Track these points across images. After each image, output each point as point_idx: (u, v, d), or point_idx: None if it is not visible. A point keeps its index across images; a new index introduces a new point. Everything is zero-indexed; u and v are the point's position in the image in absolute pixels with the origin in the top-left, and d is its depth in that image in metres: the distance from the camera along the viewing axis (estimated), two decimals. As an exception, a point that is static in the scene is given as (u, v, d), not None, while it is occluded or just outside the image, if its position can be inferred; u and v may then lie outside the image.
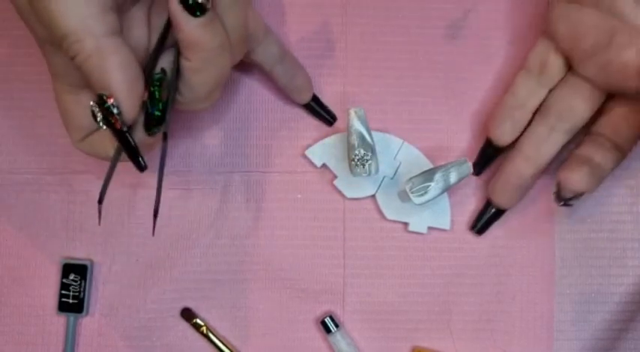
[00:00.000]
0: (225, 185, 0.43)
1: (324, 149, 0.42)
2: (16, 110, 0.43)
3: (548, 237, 0.43)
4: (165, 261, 0.43)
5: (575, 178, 0.37)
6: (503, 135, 0.40)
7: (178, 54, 0.33)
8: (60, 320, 0.43)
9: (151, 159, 0.35)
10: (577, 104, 0.38)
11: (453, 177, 0.39)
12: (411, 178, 0.39)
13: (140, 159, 0.32)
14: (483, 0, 0.44)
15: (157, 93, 0.32)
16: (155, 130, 0.33)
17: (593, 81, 0.38)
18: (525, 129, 0.40)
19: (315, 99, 0.42)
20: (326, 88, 0.43)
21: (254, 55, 0.39)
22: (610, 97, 0.39)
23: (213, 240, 0.43)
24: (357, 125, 0.38)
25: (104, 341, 0.43)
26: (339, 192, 0.42)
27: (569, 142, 0.40)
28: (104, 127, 0.31)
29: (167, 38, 0.34)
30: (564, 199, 0.38)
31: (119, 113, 0.30)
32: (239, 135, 0.43)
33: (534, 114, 0.40)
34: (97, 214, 0.33)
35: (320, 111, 0.43)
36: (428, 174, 0.39)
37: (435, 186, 0.39)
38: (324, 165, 0.42)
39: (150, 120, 0.32)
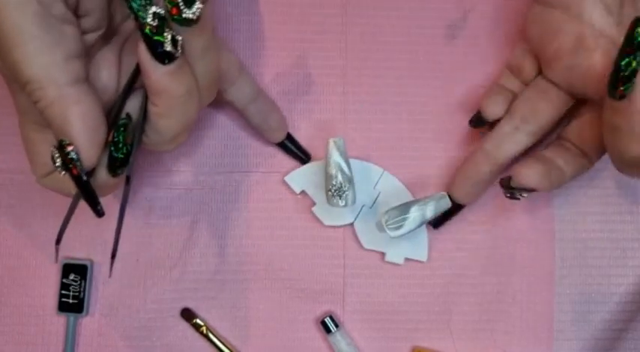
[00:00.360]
0: (225, 185, 0.43)
1: (303, 176, 0.42)
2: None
3: (548, 237, 0.43)
4: (165, 261, 0.43)
5: (524, 172, 0.37)
6: (493, 110, 0.40)
7: (146, 98, 0.32)
8: (60, 320, 0.43)
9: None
10: (542, 107, 0.38)
11: (429, 212, 0.39)
12: (387, 211, 0.39)
13: (98, 206, 0.32)
14: (483, 0, 0.44)
15: (120, 138, 0.32)
16: (119, 172, 0.33)
17: (559, 85, 0.38)
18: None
19: (290, 138, 0.42)
20: (326, 89, 0.43)
21: (226, 94, 0.39)
22: (581, 103, 0.39)
23: (213, 240, 0.43)
24: (336, 156, 0.38)
25: (104, 341, 0.43)
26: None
27: (537, 145, 0.40)
28: (62, 173, 0.31)
29: (136, 81, 0.34)
30: (509, 188, 0.38)
31: (78, 160, 0.30)
32: (239, 135, 0.43)
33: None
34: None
35: (294, 151, 0.42)
36: (404, 208, 0.39)
37: (411, 220, 0.38)
38: (303, 192, 0.42)
39: (113, 163, 0.32)
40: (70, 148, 0.30)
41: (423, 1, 0.44)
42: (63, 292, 0.42)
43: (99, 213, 0.33)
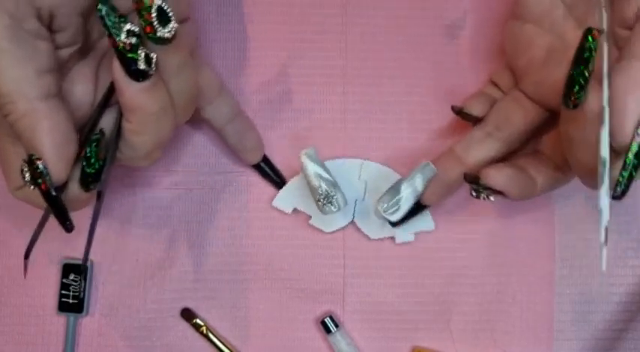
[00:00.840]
0: (225, 185, 0.43)
1: (290, 195, 0.42)
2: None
3: (548, 236, 0.43)
4: (165, 261, 0.43)
5: (492, 173, 0.36)
6: (476, 106, 0.40)
7: (120, 114, 0.33)
8: (60, 320, 0.43)
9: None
10: (515, 116, 0.38)
11: (419, 184, 0.38)
12: (380, 198, 0.39)
13: (67, 222, 0.32)
14: (483, 0, 0.44)
15: (93, 153, 0.32)
16: (91, 187, 0.33)
17: (531, 97, 0.38)
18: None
19: (266, 160, 0.42)
20: (326, 89, 0.43)
21: (203, 112, 0.39)
22: (555, 115, 0.37)
23: (213, 240, 0.43)
24: (312, 167, 0.38)
25: (104, 341, 0.43)
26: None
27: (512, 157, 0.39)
28: (31, 187, 0.31)
29: (111, 97, 0.34)
30: (474, 184, 0.37)
31: (47, 175, 0.30)
32: (239, 135, 0.43)
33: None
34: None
35: (270, 174, 0.42)
36: (394, 189, 0.39)
37: (404, 198, 0.38)
38: (295, 210, 0.42)
39: (85, 178, 0.32)
40: (38, 162, 0.30)
41: (423, 1, 0.44)
42: (63, 292, 0.42)
43: (68, 228, 0.32)
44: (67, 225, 0.32)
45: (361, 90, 0.43)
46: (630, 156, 0.30)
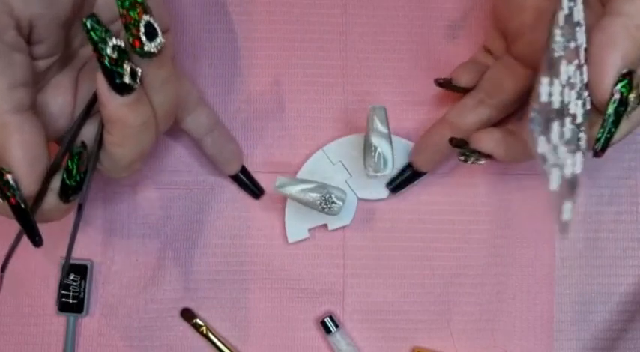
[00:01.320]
0: (225, 185, 0.43)
1: (295, 222, 0.42)
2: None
3: (548, 237, 0.43)
4: (165, 261, 0.43)
5: (480, 136, 0.37)
6: (464, 76, 0.40)
7: (102, 125, 0.32)
8: (60, 320, 0.43)
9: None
10: (507, 82, 0.38)
11: (382, 127, 0.38)
12: (365, 163, 0.38)
13: (36, 237, 0.32)
14: (483, 0, 0.44)
15: (74, 166, 0.32)
16: (71, 199, 0.32)
17: (523, 61, 0.38)
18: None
19: (244, 171, 0.42)
20: (326, 89, 0.43)
21: (183, 123, 0.39)
22: None
23: (213, 240, 0.43)
24: (290, 189, 0.38)
25: (104, 341, 0.43)
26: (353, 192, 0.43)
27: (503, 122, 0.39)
28: (0, 200, 0.30)
29: (92, 108, 0.34)
30: (461, 149, 0.38)
31: (17, 189, 0.30)
32: (239, 135, 0.43)
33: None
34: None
35: (248, 184, 0.42)
36: (368, 147, 0.38)
37: (381, 147, 0.38)
38: (311, 230, 0.42)
39: (66, 190, 0.32)
40: (8, 176, 0.29)
41: (423, 1, 0.44)
42: (63, 292, 0.42)
43: (37, 243, 0.32)
44: (37, 241, 0.32)
45: (361, 90, 0.43)
46: (609, 111, 0.30)
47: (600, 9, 0.32)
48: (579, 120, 0.31)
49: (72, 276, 0.42)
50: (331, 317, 0.42)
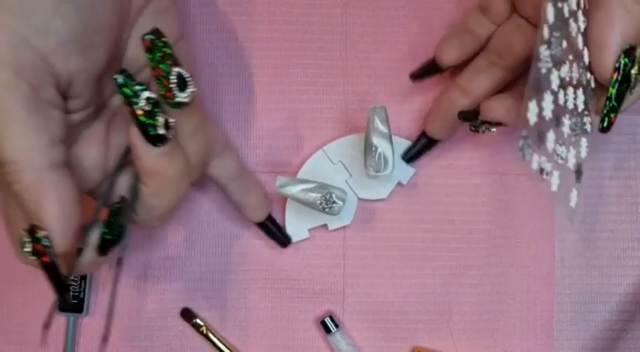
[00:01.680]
0: (225, 185, 0.43)
1: (295, 222, 0.42)
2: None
3: (548, 237, 0.43)
4: (166, 261, 0.43)
5: (492, 106, 0.36)
6: (448, 54, 0.39)
7: (136, 177, 0.32)
8: (60, 320, 0.43)
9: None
10: (517, 42, 0.37)
11: (382, 127, 0.38)
12: (365, 163, 0.38)
13: (66, 294, 0.31)
14: (483, 0, 0.44)
15: (115, 220, 0.32)
16: (109, 252, 0.32)
17: (532, 20, 0.37)
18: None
19: (271, 218, 0.42)
20: (326, 88, 0.43)
21: (209, 168, 0.38)
22: None
23: (213, 240, 0.43)
24: (290, 189, 0.38)
25: (104, 341, 0.43)
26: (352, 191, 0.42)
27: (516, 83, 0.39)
28: (31, 257, 0.29)
29: (125, 160, 0.34)
30: (470, 121, 0.37)
31: (50, 246, 0.29)
32: (239, 135, 0.43)
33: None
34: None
35: (274, 231, 0.42)
36: (368, 146, 0.38)
37: (382, 147, 0.38)
38: (311, 230, 0.42)
39: (105, 244, 0.32)
40: (42, 233, 0.29)
41: (423, 1, 0.44)
42: (63, 292, 0.42)
43: (66, 301, 0.32)
44: (65, 298, 0.31)
45: (361, 90, 0.43)
46: (612, 89, 0.31)
47: None
48: (581, 108, 0.31)
49: (72, 276, 0.42)
50: (331, 317, 0.42)
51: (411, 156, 0.42)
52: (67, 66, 0.30)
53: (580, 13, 0.32)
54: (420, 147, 0.42)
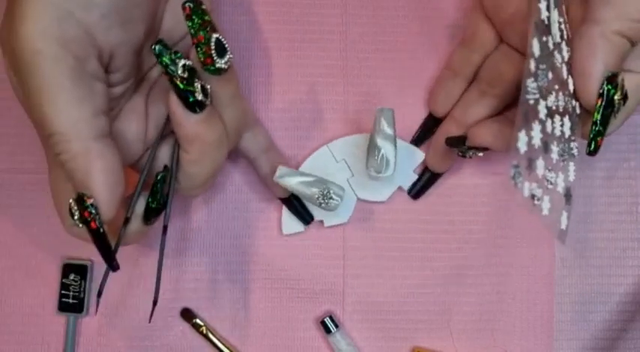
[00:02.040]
0: (225, 185, 0.43)
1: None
2: (16, 110, 0.43)
3: (548, 237, 0.43)
4: (166, 261, 0.43)
5: (477, 131, 0.38)
6: (438, 106, 0.41)
7: (177, 145, 0.34)
8: (60, 320, 0.43)
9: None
10: (506, 70, 0.38)
11: (388, 129, 0.38)
12: (367, 163, 0.38)
13: (113, 261, 0.32)
14: (483, 0, 0.44)
15: (159, 189, 0.33)
16: (153, 221, 0.34)
17: (519, 48, 0.38)
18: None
19: (296, 196, 0.42)
20: (326, 88, 0.43)
21: (242, 141, 0.39)
22: None
23: (213, 240, 0.43)
24: (289, 180, 0.38)
25: (104, 341, 0.43)
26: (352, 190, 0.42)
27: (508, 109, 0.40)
28: (80, 225, 0.31)
29: (164, 131, 0.35)
30: (458, 147, 0.38)
31: (97, 214, 0.30)
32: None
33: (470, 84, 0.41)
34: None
35: (298, 208, 0.42)
36: (372, 147, 0.38)
37: (385, 148, 0.38)
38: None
39: (149, 213, 0.34)
40: (89, 201, 0.30)
41: (423, 1, 0.44)
42: (63, 292, 0.42)
43: (113, 267, 0.33)
44: (113, 265, 0.33)
45: (361, 90, 0.43)
46: (597, 115, 0.32)
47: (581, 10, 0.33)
48: (568, 134, 0.32)
49: (72, 276, 0.42)
50: (331, 317, 0.42)
51: (417, 192, 0.43)
52: (109, 39, 0.31)
53: (564, 44, 0.33)
54: (425, 183, 0.42)
